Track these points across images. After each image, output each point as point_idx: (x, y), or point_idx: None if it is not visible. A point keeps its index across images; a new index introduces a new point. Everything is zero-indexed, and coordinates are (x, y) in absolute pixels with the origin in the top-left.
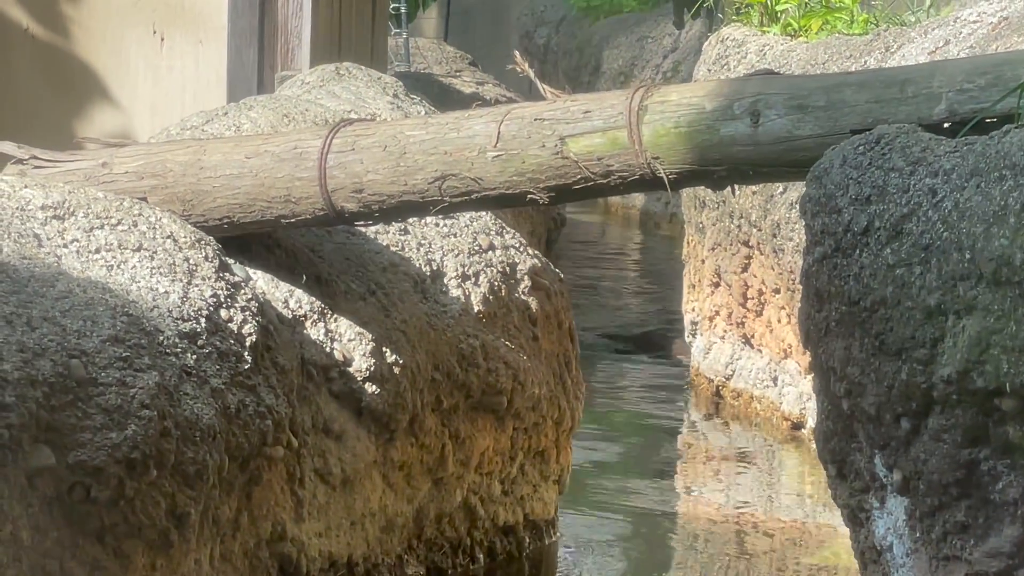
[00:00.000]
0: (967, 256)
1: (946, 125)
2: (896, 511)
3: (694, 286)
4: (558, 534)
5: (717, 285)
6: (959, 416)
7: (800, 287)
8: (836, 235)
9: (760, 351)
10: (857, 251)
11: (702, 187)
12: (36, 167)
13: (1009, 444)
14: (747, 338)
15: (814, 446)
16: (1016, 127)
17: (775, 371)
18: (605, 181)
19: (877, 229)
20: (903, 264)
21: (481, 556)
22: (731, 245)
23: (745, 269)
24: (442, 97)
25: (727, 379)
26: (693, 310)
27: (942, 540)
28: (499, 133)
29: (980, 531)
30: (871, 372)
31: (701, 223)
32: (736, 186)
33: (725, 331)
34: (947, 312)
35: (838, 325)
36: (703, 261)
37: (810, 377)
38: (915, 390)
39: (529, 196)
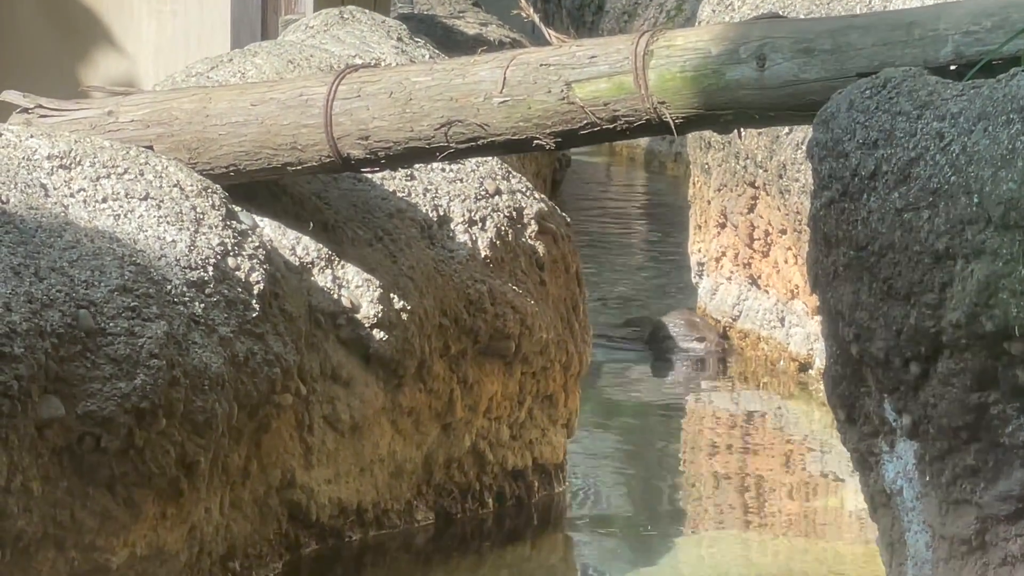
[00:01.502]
0: (975, 200)
1: (953, 68)
2: (906, 455)
3: (700, 227)
4: (567, 478)
5: (723, 226)
6: (968, 360)
7: (807, 228)
8: (843, 180)
9: (767, 292)
10: (865, 196)
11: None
12: (42, 116)
13: (1018, 388)
14: (754, 279)
15: (822, 386)
16: (1023, 70)
17: (782, 312)
18: (611, 126)
19: (884, 173)
20: (911, 208)
21: (490, 501)
22: (737, 186)
23: (751, 210)
24: (445, 39)
25: (734, 320)
26: (699, 251)
27: (952, 484)
28: (505, 79)
29: (990, 474)
30: (880, 317)
31: (707, 164)
32: (742, 130)
33: (732, 272)
34: (955, 256)
35: (846, 270)
36: (709, 202)
37: (817, 318)
38: (924, 334)
39: (535, 142)
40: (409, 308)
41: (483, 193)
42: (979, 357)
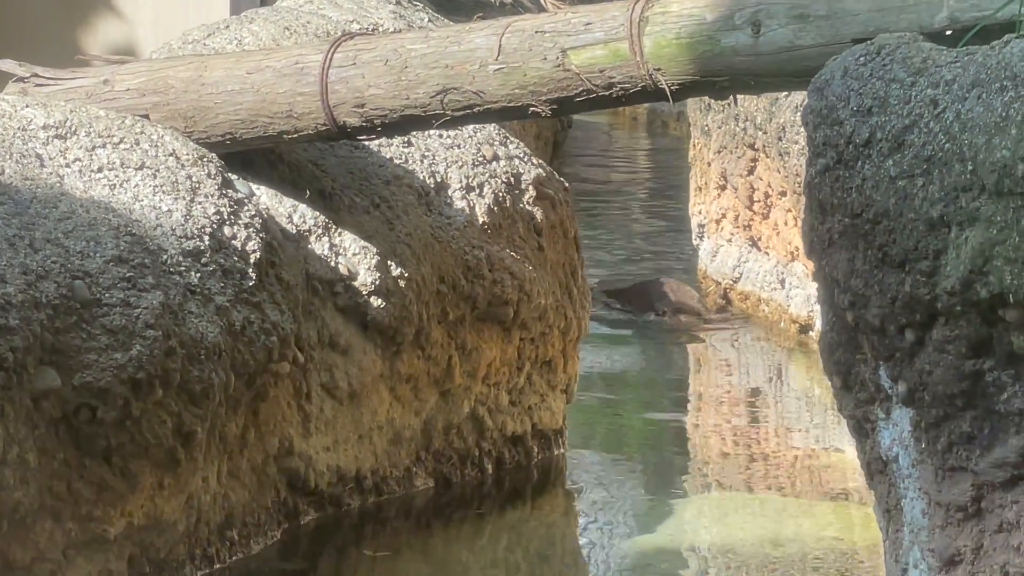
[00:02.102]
0: (969, 167)
1: (948, 33)
2: (901, 422)
3: (700, 189)
4: (566, 443)
5: (723, 188)
6: (963, 327)
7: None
8: (838, 147)
9: (767, 254)
10: (859, 163)
11: None
12: (37, 85)
13: (1013, 355)
14: (754, 241)
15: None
16: (1017, 36)
17: (782, 273)
18: (607, 93)
19: (879, 141)
20: (905, 176)
21: (490, 467)
22: (737, 148)
23: (751, 172)
24: (444, 2)
25: (734, 282)
26: (700, 213)
27: (947, 451)
28: (500, 46)
29: (985, 441)
30: (875, 284)
31: (707, 126)
32: (736, 95)
33: (732, 234)
34: (950, 223)
35: (841, 237)
36: (709, 164)
37: None
38: (919, 301)
39: (531, 109)
40: (407, 275)
41: (481, 159)
42: (974, 324)
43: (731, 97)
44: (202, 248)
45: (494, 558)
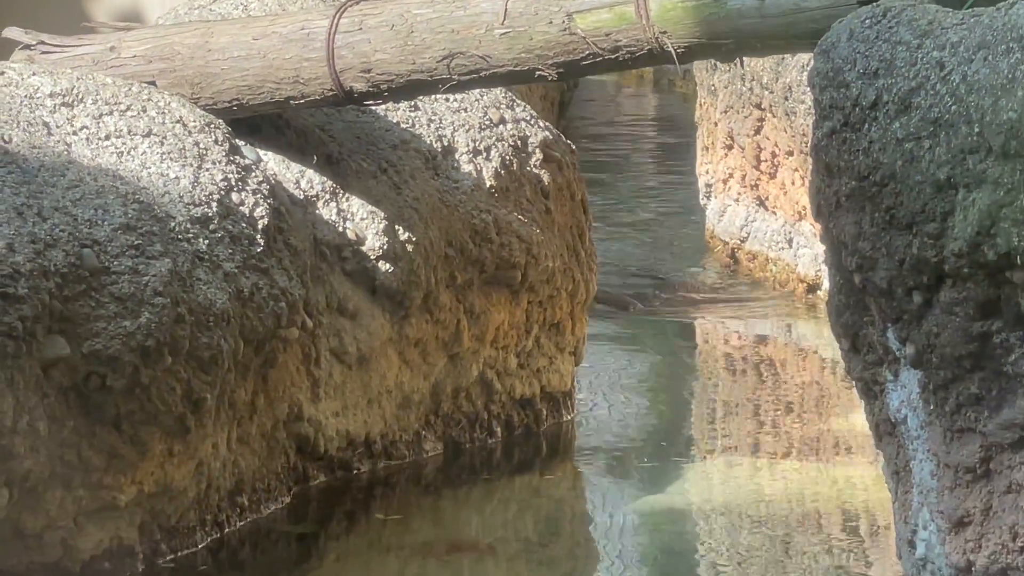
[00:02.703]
0: (976, 129)
1: None
2: (910, 384)
3: (707, 149)
4: (575, 406)
5: (730, 148)
6: (971, 289)
7: None
8: (844, 109)
9: (775, 213)
10: (866, 125)
11: None
12: (44, 53)
13: (1021, 316)
14: (761, 200)
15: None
16: None
17: (790, 233)
18: (613, 56)
19: (885, 103)
20: (912, 138)
21: (499, 430)
22: (743, 107)
23: (758, 131)
24: None
25: (742, 242)
26: (707, 173)
27: (956, 412)
28: (506, 10)
29: (994, 403)
30: (882, 246)
31: (713, 86)
32: (743, 57)
33: (739, 194)
34: (956, 186)
35: (848, 200)
36: (716, 124)
37: None
38: (926, 264)
39: (537, 73)
40: (414, 239)
41: (487, 122)
42: (981, 286)
43: (737, 59)
44: (210, 215)
45: (504, 520)
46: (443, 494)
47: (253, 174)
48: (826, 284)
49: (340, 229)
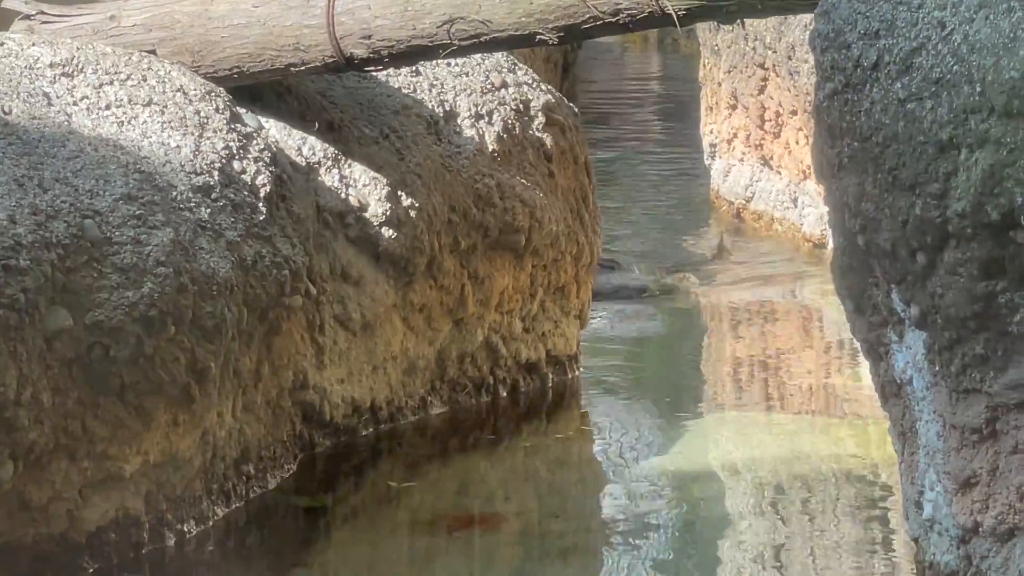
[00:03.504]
0: (977, 89)
1: None
2: (915, 345)
3: (711, 109)
4: (581, 369)
5: (734, 108)
6: (974, 249)
7: None
8: (846, 71)
9: (779, 173)
10: (867, 86)
11: None
12: (44, 23)
13: None
14: (766, 160)
15: None
16: None
17: (795, 192)
18: (614, 19)
19: (887, 64)
20: (914, 99)
21: (504, 394)
22: (747, 67)
23: (761, 91)
24: None
25: (747, 201)
26: (711, 133)
27: (961, 373)
28: None
29: (999, 363)
30: (885, 208)
31: (716, 46)
32: (744, 19)
33: (744, 154)
34: (959, 146)
35: (851, 161)
36: (719, 84)
37: None
38: (929, 224)
39: (538, 37)
40: (417, 205)
41: (489, 87)
42: (985, 246)
43: (739, 21)
44: (212, 183)
45: (512, 488)
46: (450, 461)
47: (255, 142)
48: (831, 243)
49: (343, 196)
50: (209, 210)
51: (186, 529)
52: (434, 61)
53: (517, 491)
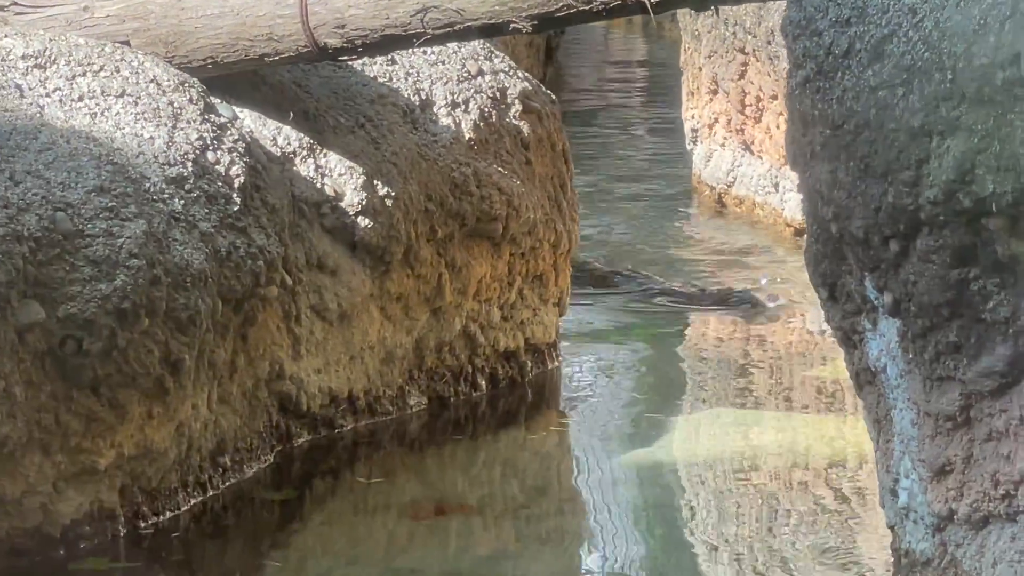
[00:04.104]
0: (949, 76)
1: None
2: (888, 333)
3: (692, 93)
4: (560, 357)
5: (715, 92)
6: (947, 237)
7: None
8: (817, 58)
9: (760, 157)
10: (839, 74)
11: None
12: (17, 14)
13: (998, 263)
14: (747, 145)
15: None
16: None
17: (776, 177)
18: (588, 7)
19: (858, 51)
20: (885, 86)
21: (483, 383)
22: (727, 52)
23: (742, 76)
24: None
25: (729, 186)
26: (692, 118)
27: (935, 361)
28: None
29: (973, 351)
30: (858, 195)
31: (696, 30)
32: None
33: (725, 138)
34: (931, 133)
35: (823, 149)
36: (700, 69)
37: None
38: (902, 212)
39: (512, 26)
40: (393, 194)
41: (465, 75)
42: (958, 233)
43: (713, 8)
44: (185, 175)
45: (490, 477)
46: (428, 450)
47: (229, 132)
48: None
49: (318, 185)
50: (183, 201)
51: (162, 521)
52: (409, 50)
53: (493, 481)
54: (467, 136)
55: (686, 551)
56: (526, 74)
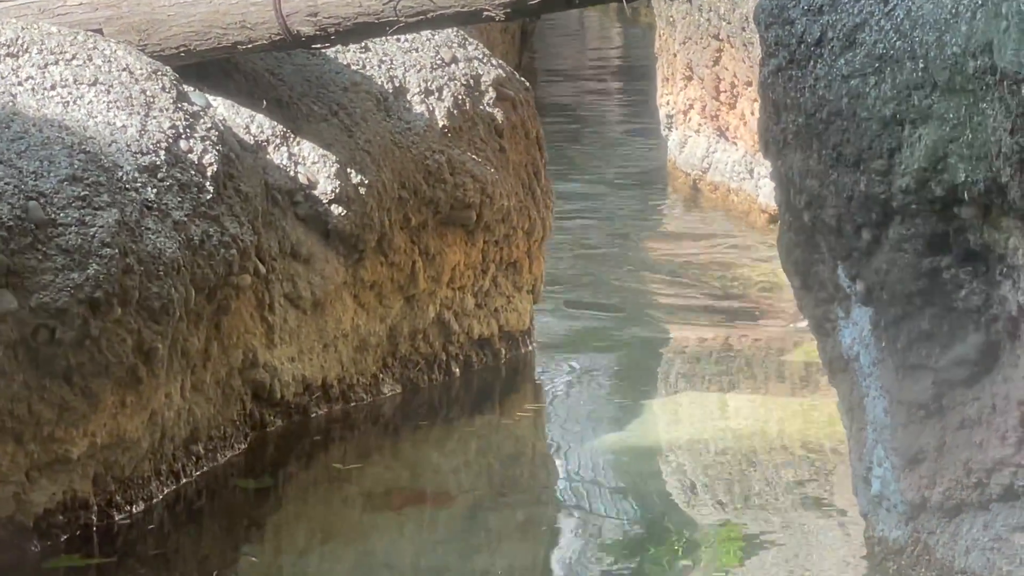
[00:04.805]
0: (921, 65)
1: None
2: (861, 321)
3: (667, 80)
4: (534, 343)
5: (690, 79)
6: (919, 225)
7: None
8: (790, 47)
9: (735, 144)
10: (811, 62)
11: None
12: None
13: (970, 252)
14: (722, 131)
15: None
16: None
17: (751, 163)
18: None
19: (831, 40)
20: (857, 75)
21: (457, 370)
22: (702, 39)
23: (716, 62)
24: None
25: (703, 172)
26: (667, 104)
27: (907, 349)
28: None
29: (945, 339)
30: (830, 184)
31: (671, 17)
32: None
33: (700, 124)
34: (903, 122)
35: (795, 137)
36: (675, 55)
37: None
38: (874, 200)
39: (485, 13)
40: (367, 182)
41: (439, 62)
42: (930, 222)
43: None
44: (158, 163)
45: (465, 463)
46: (402, 437)
47: (202, 121)
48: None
49: (292, 173)
50: (155, 190)
51: (135, 510)
52: (383, 37)
53: (469, 468)
54: (441, 124)
55: (664, 533)
56: (500, 61)
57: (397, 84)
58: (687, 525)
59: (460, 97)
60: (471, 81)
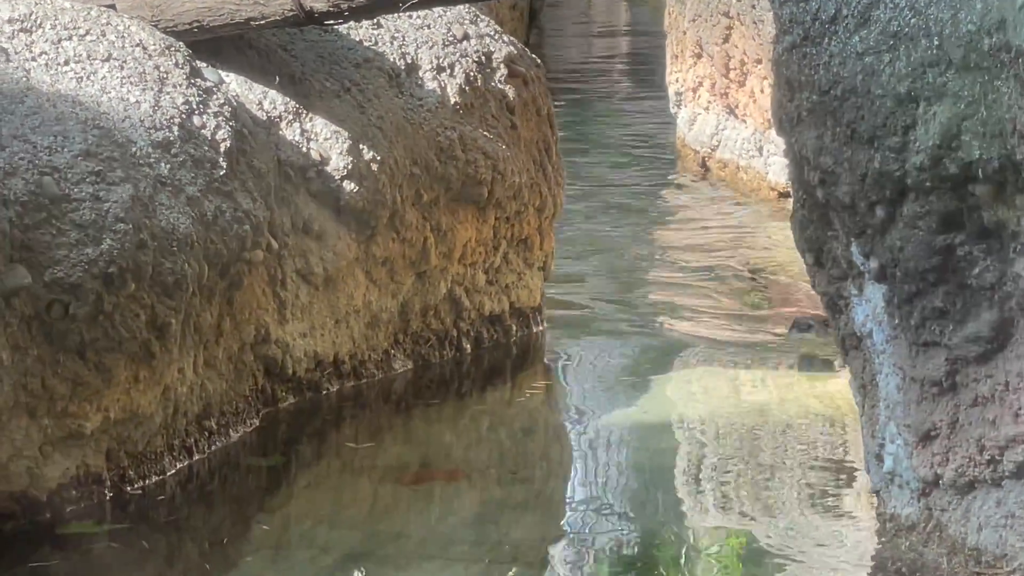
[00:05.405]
0: (935, 42)
1: None
2: (875, 298)
3: (676, 57)
4: (544, 320)
5: (699, 56)
6: (933, 202)
7: None
8: (804, 24)
9: (745, 121)
10: (826, 39)
11: None
12: None
13: (984, 229)
14: (731, 108)
15: None
16: None
17: (760, 141)
18: None
19: (845, 17)
20: (872, 52)
21: (468, 346)
22: (711, 16)
23: (726, 40)
24: None
25: (713, 150)
26: (676, 81)
27: (921, 326)
28: None
29: (958, 316)
30: (844, 161)
31: None
32: None
33: (709, 102)
34: (917, 99)
35: (810, 114)
36: (684, 32)
37: None
38: (888, 178)
39: None
40: (379, 158)
41: (451, 39)
42: (944, 199)
43: None
44: (171, 139)
45: (477, 439)
46: (414, 414)
47: (215, 96)
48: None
49: (304, 150)
50: (169, 166)
51: (148, 485)
52: (395, 14)
53: (480, 445)
54: (452, 100)
55: (676, 509)
56: (511, 38)
57: (409, 61)
58: (699, 501)
59: (472, 74)
60: (483, 58)
